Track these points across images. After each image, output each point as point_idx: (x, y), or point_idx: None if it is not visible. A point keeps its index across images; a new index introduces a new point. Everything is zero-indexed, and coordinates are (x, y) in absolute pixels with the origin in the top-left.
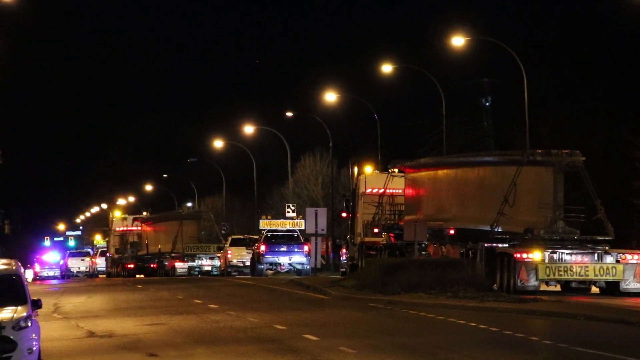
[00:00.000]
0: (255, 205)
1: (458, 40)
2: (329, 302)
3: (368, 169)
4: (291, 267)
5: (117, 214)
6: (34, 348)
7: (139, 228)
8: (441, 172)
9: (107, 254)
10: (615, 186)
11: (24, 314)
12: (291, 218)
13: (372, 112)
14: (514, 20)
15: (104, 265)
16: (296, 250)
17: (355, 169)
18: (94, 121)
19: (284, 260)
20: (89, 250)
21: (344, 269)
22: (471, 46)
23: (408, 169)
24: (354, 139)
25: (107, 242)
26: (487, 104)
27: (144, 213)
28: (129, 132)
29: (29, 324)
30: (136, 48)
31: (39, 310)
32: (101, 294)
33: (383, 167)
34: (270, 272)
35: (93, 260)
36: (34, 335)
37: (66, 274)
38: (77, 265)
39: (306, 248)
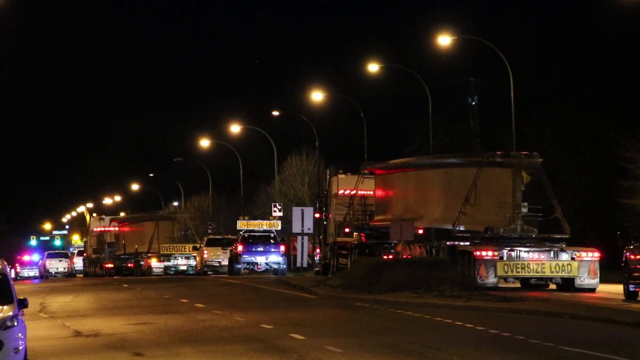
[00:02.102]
0: (242, 204)
1: (444, 40)
2: (316, 301)
3: (340, 171)
4: (268, 267)
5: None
6: (20, 347)
7: (116, 228)
8: (409, 174)
9: (84, 254)
10: (602, 185)
11: (10, 313)
12: (278, 217)
13: (358, 111)
14: (500, 19)
15: (81, 265)
16: (272, 250)
17: (328, 171)
18: (80, 120)
19: (260, 260)
20: (67, 251)
21: (317, 269)
22: (457, 45)
23: (378, 171)
24: (341, 138)
25: (85, 243)
26: (474, 103)
27: (121, 214)
28: (115, 131)
29: (15, 324)
30: (122, 49)
31: (25, 310)
32: (87, 293)
33: None
34: (246, 271)
35: (71, 260)
36: (20, 334)
37: (44, 274)
38: (56, 265)
39: (282, 248)
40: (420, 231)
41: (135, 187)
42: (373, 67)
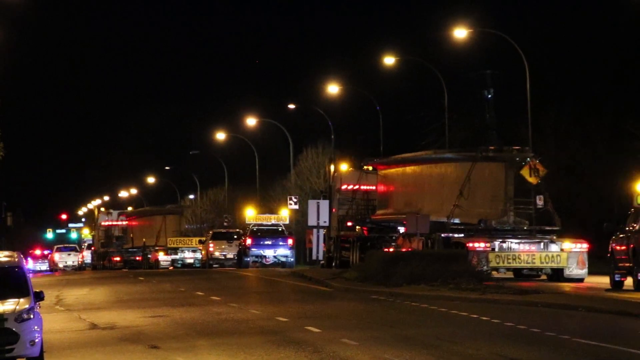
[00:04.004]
0: (258, 197)
1: (460, 32)
2: (331, 294)
3: (343, 166)
4: (276, 260)
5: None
6: (37, 340)
7: (124, 222)
8: (409, 169)
9: (92, 248)
10: (618, 178)
11: (27, 306)
12: (294, 210)
13: (374, 104)
14: (516, 11)
15: (90, 258)
16: (281, 243)
17: (332, 166)
18: (97, 113)
19: (269, 253)
20: (77, 244)
21: (322, 262)
22: (473, 38)
23: (380, 166)
24: (356, 131)
25: (93, 237)
26: (490, 96)
27: (129, 208)
28: (131, 124)
29: (32, 316)
30: (141, 42)
31: (41, 303)
32: (103, 286)
33: None
34: (255, 264)
35: (82, 253)
36: (36, 327)
37: (53, 268)
38: (65, 259)
39: (290, 242)
40: None
41: (151, 180)
42: (389, 60)
